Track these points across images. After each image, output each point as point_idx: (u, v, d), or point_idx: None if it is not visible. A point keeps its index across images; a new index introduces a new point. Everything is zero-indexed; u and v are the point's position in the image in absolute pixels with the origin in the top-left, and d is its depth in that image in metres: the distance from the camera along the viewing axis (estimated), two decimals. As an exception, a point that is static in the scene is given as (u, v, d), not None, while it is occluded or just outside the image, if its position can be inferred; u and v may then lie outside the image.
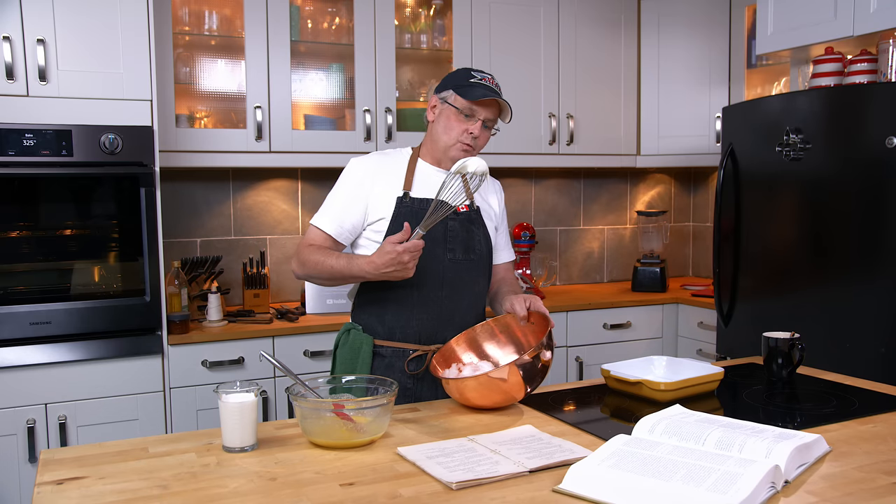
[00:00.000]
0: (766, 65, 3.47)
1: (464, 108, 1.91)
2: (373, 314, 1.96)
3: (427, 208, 1.87)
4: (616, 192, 4.15)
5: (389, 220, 1.92)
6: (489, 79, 1.95)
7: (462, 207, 1.98)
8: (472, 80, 1.92)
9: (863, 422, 1.55)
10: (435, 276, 1.93)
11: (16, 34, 2.45)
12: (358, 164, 1.99)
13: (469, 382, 1.60)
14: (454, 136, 1.94)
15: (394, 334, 1.94)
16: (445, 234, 1.94)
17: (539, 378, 1.64)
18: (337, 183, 1.99)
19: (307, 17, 3.25)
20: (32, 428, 2.50)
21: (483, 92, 1.89)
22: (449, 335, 1.91)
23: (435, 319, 1.95)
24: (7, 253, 2.53)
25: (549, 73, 3.55)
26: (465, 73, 1.96)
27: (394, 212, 1.92)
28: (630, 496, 1.14)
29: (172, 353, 2.70)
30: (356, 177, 1.96)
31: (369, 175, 1.95)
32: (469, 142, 1.94)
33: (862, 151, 2.52)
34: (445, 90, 1.95)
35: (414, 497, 1.19)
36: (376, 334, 1.96)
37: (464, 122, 1.93)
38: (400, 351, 1.93)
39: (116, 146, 2.56)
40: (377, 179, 1.95)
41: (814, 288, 2.70)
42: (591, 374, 3.37)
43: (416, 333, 1.94)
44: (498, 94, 1.91)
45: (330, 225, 1.94)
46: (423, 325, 1.94)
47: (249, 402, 1.41)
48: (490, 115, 1.94)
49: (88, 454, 1.40)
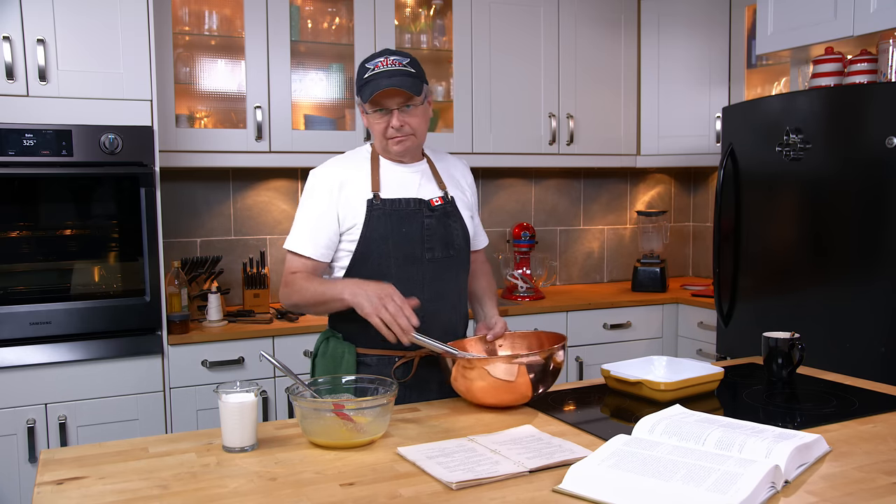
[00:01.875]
0: (766, 65, 3.47)
1: (368, 110, 1.83)
2: (354, 321, 1.77)
3: (399, 208, 1.83)
4: (616, 192, 4.15)
5: (362, 224, 1.83)
6: (384, 61, 1.80)
7: (437, 200, 1.89)
8: (367, 75, 1.80)
9: (863, 422, 1.55)
10: (416, 279, 1.84)
11: (16, 34, 2.46)
12: (320, 175, 1.88)
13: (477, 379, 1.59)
14: (380, 135, 1.85)
15: (377, 342, 1.78)
16: (422, 233, 1.85)
17: (550, 380, 1.64)
18: (303, 200, 1.89)
19: (307, 17, 3.25)
20: (32, 428, 2.50)
21: (371, 89, 1.77)
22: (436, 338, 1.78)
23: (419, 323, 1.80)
24: (7, 253, 2.53)
25: (549, 73, 3.55)
26: (361, 68, 1.84)
27: (366, 215, 1.83)
28: (630, 496, 1.14)
29: (172, 353, 2.70)
30: (322, 188, 1.85)
31: (335, 183, 1.85)
32: (395, 136, 1.83)
33: (862, 151, 2.52)
34: (356, 95, 1.88)
35: (414, 497, 1.19)
36: (358, 342, 1.86)
37: (381, 120, 1.83)
38: (386, 358, 1.84)
39: (116, 146, 2.56)
40: (343, 186, 1.85)
41: (814, 288, 2.70)
42: (591, 374, 3.37)
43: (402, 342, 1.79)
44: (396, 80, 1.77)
45: (308, 247, 1.83)
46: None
47: (249, 402, 1.41)
48: (400, 98, 1.80)
49: (88, 454, 1.40)
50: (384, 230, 1.82)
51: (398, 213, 1.84)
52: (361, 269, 1.83)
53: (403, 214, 1.84)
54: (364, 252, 1.83)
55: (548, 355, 1.61)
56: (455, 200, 1.94)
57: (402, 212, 1.85)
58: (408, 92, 1.78)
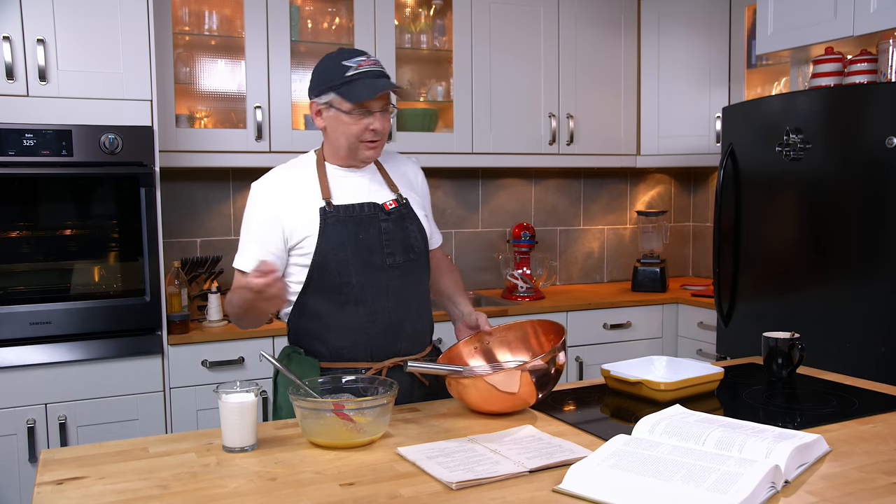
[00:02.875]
0: (766, 65, 3.47)
1: (351, 110, 1.71)
2: (314, 335, 1.75)
3: (354, 214, 1.75)
4: (616, 192, 4.15)
5: (317, 235, 1.72)
6: (366, 60, 1.72)
7: (390, 203, 1.80)
8: (351, 74, 1.69)
9: (863, 422, 1.54)
10: (377, 287, 1.75)
11: (16, 34, 2.46)
12: (261, 187, 1.78)
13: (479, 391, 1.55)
14: (354, 138, 1.73)
15: (341, 355, 1.75)
16: (380, 238, 1.76)
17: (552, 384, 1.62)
18: (245, 216, 1.79)
19: (307, 17, 3.25)
20: (32, 428, 2.50)
21: (370, 90, 1.68)
22: (402, 347, 1.78)
23: (384, 333, 1.76)
24: (7, 253, 2.53)
25: (549, 73, 3.55)
26: (336, 66, 1.72)
27: (320, 224, 1.72)
28: (630, 496, 1.14)
29: (172, 353, 2.70)
30: (263, 202, 1.76)
31: (277, 195, 1.76)
32: (373, 139, 1.74)
33: (862, 151, 2.52)
34: (324, 94, 1.73)
35: (414, 497, 1.19)
36: (321, 356, 1.76)
37: (359, 122, 1.71)
38: (351, 371, 1.73)
39: (116, 146, 2.56)
40: (287, 196, 1.75)
41: (814, 288, 2.70)
42: (591, 374, 3.37)
43: (367, 351, 1.76)
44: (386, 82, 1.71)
45: (251, 264, 1.68)
46: (373, 341, 1.76)
47: (249, 402, 1.41)
48: (384, 102, 1.74)
49: (88, 454, 1.40)
50: (341, 238, 1.72)
51: (353, 220, 1.75)
52: (320, 281, 1.74)
53: (359, 220, 1.75)
54: (321, 262, 1.72)
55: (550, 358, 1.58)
56: (409, 202, 1.85)
57: (356, 217, 1.75)
58: (395, 95, 1.74)
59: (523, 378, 1.54)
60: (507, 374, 1.53)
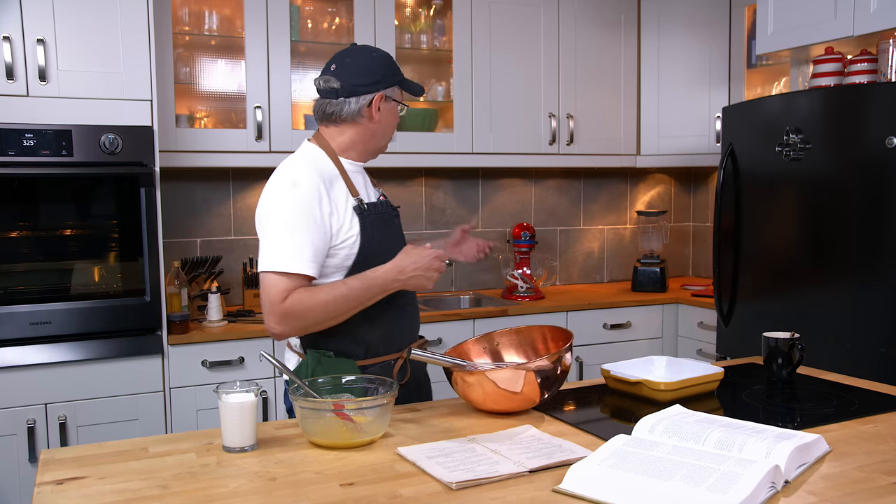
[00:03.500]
0: (766, 65, 3.47)
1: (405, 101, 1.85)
2: (348, 336, 1.72)
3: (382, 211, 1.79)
4: (616, 192, 4.15)
5: (358, 236, 1.70)
6: None
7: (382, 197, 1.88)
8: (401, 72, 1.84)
9: (863, 422, 1.55)
10: None
11: (16, 34, 2.46)
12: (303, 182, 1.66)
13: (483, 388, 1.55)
14: (391, 130, 1.84)
15: (377, 351, 1.76)
16: (396, 235, 1.84)
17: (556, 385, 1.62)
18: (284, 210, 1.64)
19: (307, 17, 3.26)
20: (32, 428, 2.50)
21: (419, 86, 1.86)
22: (416, 332, 1.87)
23: (410, 324, 1.84)
24: (7, 253, 2.53)
25: (549, 73, 3.55)
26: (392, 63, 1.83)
27: (360, 223, 1.71)
28: (630, 496, 1.14)
29: (172, 353, 2.70)
30: (311, 198, 1.65)
31: (322, 191, 1.67)
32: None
33: (862, 151, 2.52)
34: (389, 87, 1.78)
35: (414, 497, 1.19)
36: (356, 356, 1.74)
37: (396, 117, 1.85)
38: (387, 363, 1.76)
39: (116, 146, 2.56)
40: (329, 193, 1.69)
41: (814, 288, 2.70)
42: (591, 374, 3.37)
43: (399, 341, 1.80)
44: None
45: (311, 266, 1.63)
46: (405, 330, 1.82)
47: (249, 402, 1.41)
48: None
49: (88, 454, 1.40)
50: (380, 236, 1.74)
51: (382, 218, 1.77)
52: None
53: (386, 218, 1.79)
54: (363, 263, 1.69)
55: (556, 359, 1.57)
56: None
57: (384, 216, 1.79)
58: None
59: (528, 377, 1.54)
60: (512, 372, 1.53)
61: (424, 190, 3.68)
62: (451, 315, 3.15)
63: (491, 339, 1.82)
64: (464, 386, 1.59)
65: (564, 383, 1.81)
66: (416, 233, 3.64)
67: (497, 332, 1.82)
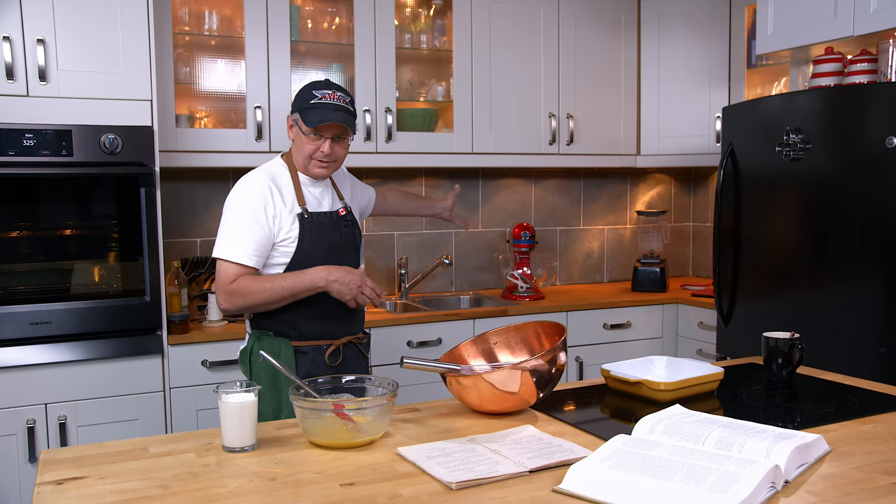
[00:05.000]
0: (766, 65, 3.47)
1: (307, 132, 1.99)
2: (284, 321, 2.05)
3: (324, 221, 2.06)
4: (616, 192, 4.15)
5: (297, 237, 2.02)
6: (330, 94, 1.99)
7: (342, 210, 2.13)
8: (314, 102, 1.98)
9: (863, 422, 1.55)
10: None
11: (16, 34, 2.46)
12: (252, 186, 2.01)
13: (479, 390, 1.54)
14: (306, 155, 2.03)
15: (310, 336, 2.07)
16: (342, 241, 2.10)
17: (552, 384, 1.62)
18: (236, 210, 2.00)
19: (307, 17, 3.26)
20: (32, 428, 2.50)
21: (320, 117, 1.96)
22: (356, 327, 2.14)
23: (345, 317, 2.11)
24: (7, 253, 2.53)
25: (548, 73, 3.55)
26: (307, 93, 2.01)
27: (300, 229, 2.02)
28: (630, 496, 1.14)
29: (172, 353, 2.70)
30: (257, 200, 1.99)
31: (268, 195, 2.00)
32: (322, 159, 2.03)
33: (862, 151, 2.52)
34: (294, 112, 2.04)
35: (414, 497, 1.19)
36: (290, 337, 2.05)
37: (313, 143, 2.01)
38: (318, 347, 2.07)
39: (116, 146, 2.56)
40: (275, 199, 2.01)
41: (814, 288, 2.70)
42: (591, 374, 3.37)
43: (331, 332, 2.09)
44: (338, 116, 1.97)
45: (252, 258, 1.97)
46: (337, 325, 2.10)
47: (249, 402, 1.41)
48: (338, 131, 2.02)
49: (88, 454, 1.40)
50: (317, 241, 2.04)
51: (324, 226, 2.06)
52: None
53: (328, 226, 2.07)
54: (299, 262, 2.01)
55: (550, 357, 1.57)
56: (352, 210, 2.20)
57: (326, 224, 2.07)
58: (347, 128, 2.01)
59: (523, 377, 1.53)
60: (507, 374, 1.53)
61: (424, 190, 3.68)
62: (451, 315, 3.15)
63: (485, 339, 1.82)
64: (459, 388, 1.59)
65: (564, 383, 1.81)
66: (416, 233, 3.65)
67: (491, 332, 1.82)
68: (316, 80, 2.14)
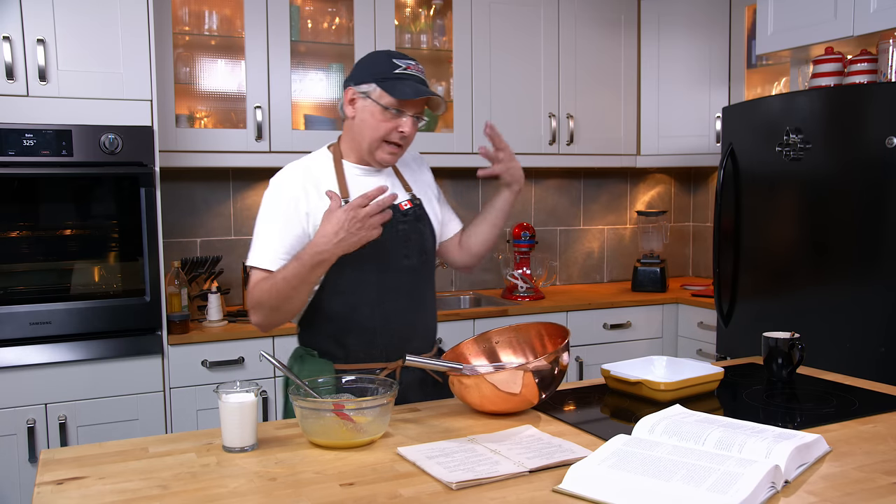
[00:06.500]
0: (766, 65, 3.47)
1: (391, 105, 1.68)
2: (329, 336, 1.75)
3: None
4: (616, 192, 4.15)
5: None
6: (414, 66, 1.71)
7: (405, 204, 1.80)
8: (398, 72, 1.68)
9: (863, 422, 1.54)
10: (394, 287, 1.76)
11: (16, 34, 2.46)
12: (282, 183, 1.73)
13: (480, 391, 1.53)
14: (380, 136, 1.70)
15: (358, 357, 1.75)
16: (398, 239, 1.76)
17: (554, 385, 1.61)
18: (264, 212, 1.73)
19: (307, 17, 3.26)
20: (32, 428, 2.50)
21: (415, 90, 1.66)
22: (415, 347, 1.77)
23: (399, 333, 1.78)
24: (7, 253, 2.53)
25: (548, 73, 3.55)
26: (386, 60, 1.70)
27: None
28: (630, 496, 1.14)
29: (172, 353, 2.70)
30: (286, 198, 1.71)
31: (300, 192, 1.71)
32: (398, 141, 1.72)
33: (862, 151, 2.52)
34: (366, 83, 1.70)
35: (414, 497, 1.19)
36: (336, 358, 1.76)
37: (391, 120, 1.69)
38: (366, 372, 1.70)
39: (116, 146, 2.56)
40: (309, 194, 1.71)
41: (814, 288, 2.70)
42: (591, 374, 3.37)
43: (383, 352, 1.76)
44: (429, 90, 1.70)
45: (277, 263, 1.67)
46: (389, 342, 1.77)
47: (249, 402, 1.41)
48: (419, 108, 1.72)
49: (88, 454, 1.40)
50: None
51: None
52: (338, 280, 1.73)
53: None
54: (340, 262, 1.64)
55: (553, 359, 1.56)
56: (423, 203, 1.85)
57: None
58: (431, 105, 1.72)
59: (525, 378, 1.53)
60: (509, 374, 1.53)
61: (424, 190, 3.67)
62: (451, 315, 3.15)
63: (487, 338, 1.80)
64: (461, 388, 1.58)
65: (564, 383, 1.81)
66: (416, 233, 3.64)
67: (493, 331, 1.80)
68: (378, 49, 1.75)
